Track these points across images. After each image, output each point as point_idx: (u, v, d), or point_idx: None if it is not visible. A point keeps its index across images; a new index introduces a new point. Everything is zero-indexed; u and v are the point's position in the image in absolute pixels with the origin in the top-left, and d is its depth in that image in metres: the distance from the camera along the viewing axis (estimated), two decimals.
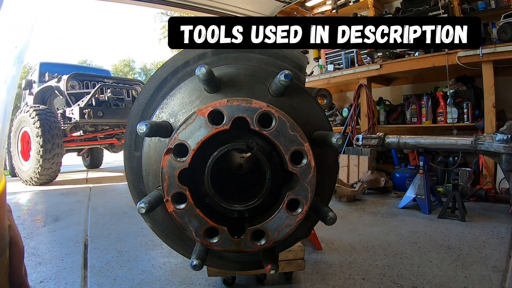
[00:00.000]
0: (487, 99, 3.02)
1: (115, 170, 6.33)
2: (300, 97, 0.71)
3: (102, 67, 13.65)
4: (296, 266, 1.32)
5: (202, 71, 0.58)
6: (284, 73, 0.59)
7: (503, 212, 2.42)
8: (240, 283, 1.38)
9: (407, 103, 3.88)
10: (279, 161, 0.62)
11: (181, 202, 0.59)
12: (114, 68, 29.52)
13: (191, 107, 0.68)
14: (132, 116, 0.78)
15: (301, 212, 0.60)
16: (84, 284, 1.40)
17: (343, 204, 2.88)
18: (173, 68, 0.77)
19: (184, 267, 1.51)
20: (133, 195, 0.80)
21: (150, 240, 1.91)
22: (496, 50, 2.89)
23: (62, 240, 2.01)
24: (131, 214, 2.60)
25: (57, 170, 4.43)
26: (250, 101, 0.58)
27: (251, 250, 0.61)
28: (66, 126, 4.73)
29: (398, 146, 2.64)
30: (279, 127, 0.58)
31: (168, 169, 0.58)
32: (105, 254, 1.73)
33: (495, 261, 1.52)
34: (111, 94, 4.71)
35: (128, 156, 0.78)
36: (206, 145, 0.59)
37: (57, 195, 3.67)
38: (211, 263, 0.81)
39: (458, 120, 3.38)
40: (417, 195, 2.55)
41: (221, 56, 0.77)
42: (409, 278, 1.37)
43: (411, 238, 1.91)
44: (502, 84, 3.24)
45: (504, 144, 1.97)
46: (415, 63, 3.55)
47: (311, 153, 0.59)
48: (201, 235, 0.60)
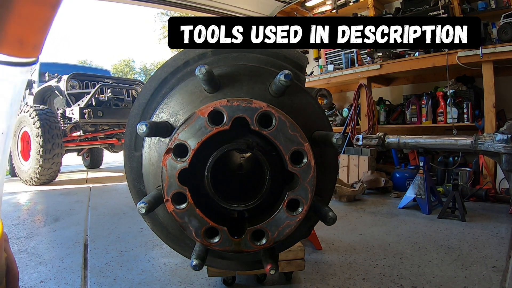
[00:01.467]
0: (487, 99, 3.02)
1: (115, 170, 6.33)
2: (300, 97, 0.71)
3: (102, 67, 13.66)
4: (296, 266, 1.32)
5: (202, 71, 0.58)
6: (284, 73, 0.59)
7: (503, 212, 2.42)
8: (240, 283, 1.38)
9: (407, 103, 3.88)
10: (279, 161, 0.62)
11: (181, 202, 0.59)
12: (114, 68, 29.51)
13: (191, 107, 0.68)
14: (132, 116, 0.78)
15: (301, 212, 0.60)
16: (84, 284, 1.40)
17: (343, 204, 2.88)
18: (173, 68, 0.77)
19: (184, 267, 1.51)
20: (133, 195, 0.80)
21: (150, 240, 1.91)
22: (496, 50, 2.89)
23: (62, 240, 2.01)
24: (131, 214, 2.60)
25: (57, 170, 4.43)
26: (250, 101, 0.58)
27: (251, 250, 0.61)
28: (66, 126, 4.73)
29: (398, 146, 2.64)
30: (279, 127, 0.58)
31: (168, 169, 0.58)
32: (105, 254, 1.73)
33: (495, 261, 1.52)
34: (111, 94, 4.71)
35: (128, 156, 0.78)
36: (206, 145, 0.59)
37: (57, 195, 3.67)
38: (211, 263, 0.80)
39: (458, 120, 3.38)
40: (417, 195, 2.55)
41: (221, 56, 0.77)
42: (409, 278, 1.37)
43: (411, 238, 1.91)
44: (502, 84, 3.24)
45: (504, 144, 1.97)
46: (415, 63, 3.55)
47: (311, 153, 0.59)
48: (201, 235, 0.60)
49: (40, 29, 0.52)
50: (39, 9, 0.50)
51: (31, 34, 0.51)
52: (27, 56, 0.51)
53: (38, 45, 0.53)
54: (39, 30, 0.52)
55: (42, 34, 0.53)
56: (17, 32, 0.48)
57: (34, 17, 0.50)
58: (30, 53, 0.52)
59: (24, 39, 0.50)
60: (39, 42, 0.53)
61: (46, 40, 0.54)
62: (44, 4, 0.50)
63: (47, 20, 0.52)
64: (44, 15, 0.51)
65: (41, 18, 0.51)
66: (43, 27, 0.52)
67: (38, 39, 0.52)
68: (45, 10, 0.51)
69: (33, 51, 0.52)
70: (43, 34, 0.53)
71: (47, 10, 0.51)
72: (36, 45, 0.52)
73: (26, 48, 0.51)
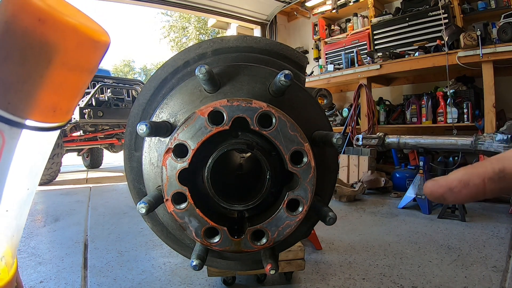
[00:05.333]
0: (487, 99, 3.02)
1: (115, 170, 6.33)
2: (300, 97, 0.71)
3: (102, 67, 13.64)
4: (296, 266, 1.32)
5: (202, 71, 0.58)
6: (284, 73, 0.59)
7: (503, 212, 2.42)
8: (240, 283, 1.38)
9: (407, 103, 3.88)
10: (279, 161, 0.62)
11: (181, 202, 0.59)
12: (114, 68, 29.51)
13: (191, 107, 0.68)
14: (132, 116, 0.77)
15: (301, 212, 0.60)
16: (84, 284, 1.40)
17: (343, 204, 2.88)
18: (173, 68, 0.76)
19: (184, 267, 1.51)
20: (133, 195, 0.80)
21: (150, 240, 1.91)
22: (496, 50, 2.89)
23: (62, 240, 2.01)
24: (131, 214, 2.60)
25: (57, 170, 4.43)
26: (250, 101, 0.58)
27: (251, 250, 0.61)
28: (66, 126, 4.73)
29: (398, 146, 2.64)
30: (279, 127, 0.58)
31: (168, 169, 0.58)
32: (105, 254, 1.73)
33: (495, 261, 1.52)
34: (111, 94, 4.71)
35: (128, 156, 0.77)
36: (206, 145, 0.59)
37: (57, 195, 3.67)
38: (211, 263, 0.80)
39: (458, 120, 3.38)
40: (417, 195, 2.54)
41: (221, 56, 0.77)
42: (409, 278, 1.37)
43: (411, 238, 1.91)
44: (502, 84, 3.24)
45: (504, 144, 1.97)
46: (415, 63, 3.54)
47: (311, 153, 0.59)
48: (201, 235, 0.60)
49: (74, 95, 0.50)
50: (75, 77, 0.48)
51: (65, 101, 0.49)
52: (59, 121, 0.50)
53: (71, 109, 0.51)
54: (73, 96, 0.50)
55: (77, 99, 0.51)
56: (50, 99, 0.47)
57: (69, 84, 0.48)
58: (62, 118, 0.50)
59: (57, 107, 0.48)
60: (72, 107, 0.51)
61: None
62: (81, 70, 0.48)
63: (82, 86, 0.50)
64: (80, 81, 0.50)
65: (77, 85, 0.50)
66: (78, 92, 0.50)
67: (72, 105, 0.51)
68: (82, 76, 0.49)
69: (66, 115, 0.51)
70: (77, 99, 0.51)
71: (84, 76, 0.50)
72: (70, 110, 0.51)
73: (59, 115, 0.49)
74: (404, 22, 4.06)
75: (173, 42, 20.92)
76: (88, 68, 0.50)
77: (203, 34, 19.89)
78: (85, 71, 0.49)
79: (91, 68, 0.50)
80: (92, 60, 0.50)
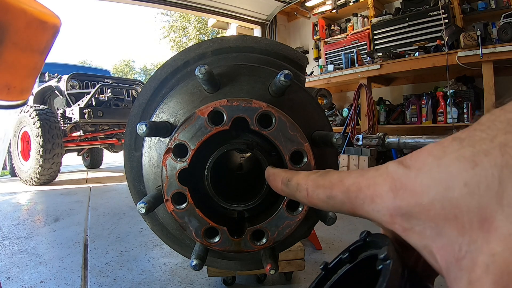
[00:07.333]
0: (487, 99, 3.02)
1: (115, 170, 6.33)
2: (300, 97, 0.71)
3: (102, 67, 13.65)
4: (296, 266, 1.32)
5: (202, 71, 0.58)
6: (284, 73, 0.58)
7: None
8: (240, 283, 1.38)
9: (407, 103, 3.88)
10: (279, 161, 0.62)
11: (181, 202, 0.59)
12: (114, 68, 29.53)
13: (191, 107, 0.68)
14: (132, 116, 0.77)
15: (301, 212, 0.60)
16: (84, 284, 1.40)
17: None
18: (173, 68, 0.76)
19: (184, 267, 1.51)
20: (133, 195, 0.80)
21: (150, 240, 1.91)
22: (496, 50, 2.89)
23: (62, 240, 2.01)
24: (131, 214, 2.60)
25: (57, 170, 4.43)
26: (250, 101, 0.58)
27: (251, 250, 0.61)
28: (66, 126, 4.73)
29: (398, 146, 2.63)
30: (279, 127, 0.58)
31: (168, 169, 0.58)
32: (105, 254, 1.73)
33: None
34: (111, 94, 4.71)
35: (128, 156, 0.77)
36: (206, 145, 0.59)
37: (57, 195, 3.67)
38: (211, 263, 0.80)
39: (458, 120, 3.38)
40: None
41: (221, 56, 0.77)
42: None
43: None
44: (502, 84, 3.24)
45: None
46: (415, 63, 3.55)
47: (311, 153, 0.59)
48: (201, 235, 0.60)
49: (28, 75, 0.52)
50: (26, 56, 0.50)
51: (18, 79, 0.51)
52: (15, 100, 0.51)
53: (26, 89, 0.53)
54: (26, 76, 0.52)
55: (30, 78, 0.53)
56: (3, 78, 0.48)
57: (21, 64, 0.50)
58: (17, 97, 0.52)
59: (11, 85, 0.50)
60: (27, 86, 0.53)
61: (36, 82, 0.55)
62: (31, 51, 0.50)
63: (35, 66, 0.52)
64: (31, 61, 0.51)
65: (29, 65, 0.51)
66: (31, 72, 0.52)
67: (26, 84, 0.53)
68: (33, 56, 0.51)
69: (21, 95, 0.52)
70: (31, 78, 0.53)
71: (35, 56, 0.51)
72: (24, 89, 0.52)
73: (13, 93, 0.51)
74: (404, 22, 4.07)
75: (173, 42, 20.95)
76: (39, 49, 0.52)
77: (203, 34, 19.91)
78: (36, 52, 0.51)
79: (42, 48, 0.52)
80: (42, 40, 0.52)
